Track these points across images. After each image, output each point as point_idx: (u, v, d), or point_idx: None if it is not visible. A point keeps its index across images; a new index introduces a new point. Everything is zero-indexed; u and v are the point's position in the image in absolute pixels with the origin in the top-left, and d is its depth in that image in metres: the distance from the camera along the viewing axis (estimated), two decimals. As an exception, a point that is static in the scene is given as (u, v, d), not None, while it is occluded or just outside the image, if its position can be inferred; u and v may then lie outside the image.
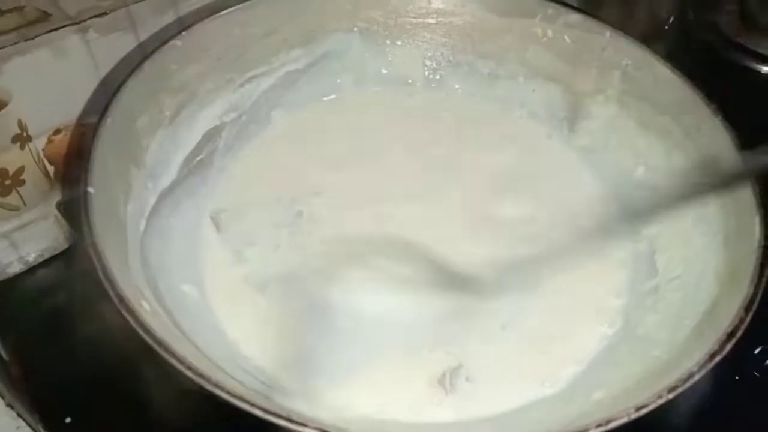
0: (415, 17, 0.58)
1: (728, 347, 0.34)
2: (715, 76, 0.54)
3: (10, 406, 0.42)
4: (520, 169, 0.54)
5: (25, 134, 0.48)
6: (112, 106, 0.43)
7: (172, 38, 0.48)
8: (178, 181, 0.48)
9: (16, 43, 0.45)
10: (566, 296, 0.46)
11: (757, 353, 0.48)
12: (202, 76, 0.50)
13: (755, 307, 0.36)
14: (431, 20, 0.58)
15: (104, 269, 0.35)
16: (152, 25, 0.51)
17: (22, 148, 0.49)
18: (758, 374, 0.47)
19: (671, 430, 0.44)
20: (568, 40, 0.54)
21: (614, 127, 0.53)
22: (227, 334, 0.43)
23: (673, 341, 0.39)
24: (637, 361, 0.40)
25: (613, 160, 0.53)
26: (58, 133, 0.51)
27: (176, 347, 0.33)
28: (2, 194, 0.49)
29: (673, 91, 0.49)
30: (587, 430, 0.31)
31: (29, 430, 0.41)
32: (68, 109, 0.50)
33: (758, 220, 0.40)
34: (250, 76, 0.54)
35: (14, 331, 0.49)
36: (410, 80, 0.60)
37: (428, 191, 0.52)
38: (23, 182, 0.50)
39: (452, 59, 0.59)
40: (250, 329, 0.44)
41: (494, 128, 0.57)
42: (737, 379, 0.47)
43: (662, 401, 0.32)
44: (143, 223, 0.44)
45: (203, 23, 0.50)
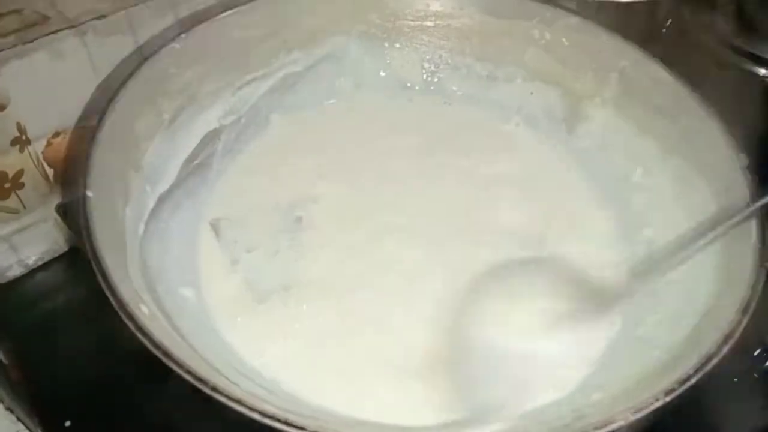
0: (413, 20, 0.58)
1: (725, 350, 0.34)
2: (712, 78, 0.54)
3: (9, 410, 0.42)
4: (517, 172, 0.54)
5: (24, 137, 0.48)
6: (110, 109, 0.43)
7: (170, 41, 0.48)
8: (176, 184, 0.48)
9: (14, 46, 0.45)
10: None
11: (756, 355, 0.48)
12: (200, 79, 0.50)
13: (752, 309, 0.36)
14: (429, 23, 0.58)
15: (103, 273, 0.35)
16: (151, 28, 0.51)
17: (21, 151, 0.49)
18: (758, 375, 0.48)
19: (671, 430, 0.44)
20: (565, 42, 0.55)
21: (612, 129, 0.53)
22: (225, 337, 0.43)
23: (671, 342, 0.39)
24: (636, 361, 0.40)
25: (610, 162, 0.53)
26: (57, 135, 0.51)
27: (174, 351, 0.33)
28: (2, 197, 0.49)
29: (670, 93, 0.49)
30: (584, 432, 0.32)
31: (28, 433, 0.41)
32: (67, 112, 0.50)
33: (755, 222, 0.40)
34: (249, 78, 0.54)
35: (14, 334, 0.49)
36: (409, 83, 0.60)
37: (427, 196, 0.52)
38: (22, 185, 0.50)
39: (450, 62, 0.59)
40: (248, 332, 0.44)
41: (492, 131, 0.57)
42: (736, 380, 0.47)
43: (659, 404, 0.32)
44: (142, 226, 0.44)
45: (202, 26, 0.50)
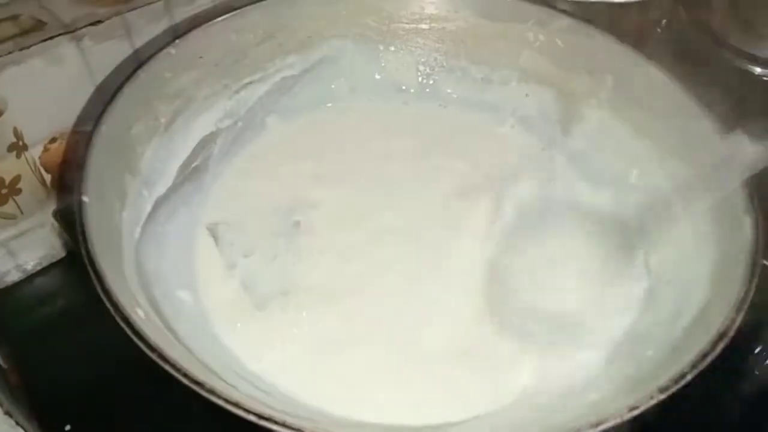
0: (408, 23, 0.58)
1: (720, 347, 0.34)
2: (708, 78, 0.54)
3: (8, 414, 0.41)
4: (513, 173, 0.54)
5: (21, 143, 0.49)
6: (106, 113, 0.43)
7: (167, 45, 0.48)
8: (173, 188, 0.48)
9: (11, 52, 0.45)
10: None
11: (756, 353, 0.48)
12: (197, 82, 0.51)
13: (746, 307, 0.36)
14: (424, 26, 0.58)
15: (99, 277, 0.35)
16: (147, 32, 0.52)
17: (18, 156, 0.49)
18: (758, 373, 0.48)
19: (672, 429, 0.44)
20: (560, 44, 0.55)
21: (607, 130, 0.53)
22: (222, 340, 0.43)
23: (666, 341, 0.39)
24: (631, 359, 0.41)
25: (606, 163, 0.53)
26: (53, 141, 0.51)
27: (171, 353, 0.33)
28: (-1, 203, 0.50)
29: (665, 94, 0.49)
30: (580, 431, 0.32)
31: (28, 438, 0.41)
32: (64, 117, 0.51)
33: (750, 221, 0.40)
34: (245, 82, 0.54)
35: (12, 339, 0.49)
36: (404, 86, 0.60)
37: (423, 199, 0.52)
38: (20, 191, 0.50)
39: (445, 64, 0.59)
40: (245, 335, 0.44)
41: (487, 134, 0.57)
42: (737, 378, 0.47)
43: (654, 402, 0.33)
44: (138, 230, 0.44)
45: (198, 30, 0.50)
